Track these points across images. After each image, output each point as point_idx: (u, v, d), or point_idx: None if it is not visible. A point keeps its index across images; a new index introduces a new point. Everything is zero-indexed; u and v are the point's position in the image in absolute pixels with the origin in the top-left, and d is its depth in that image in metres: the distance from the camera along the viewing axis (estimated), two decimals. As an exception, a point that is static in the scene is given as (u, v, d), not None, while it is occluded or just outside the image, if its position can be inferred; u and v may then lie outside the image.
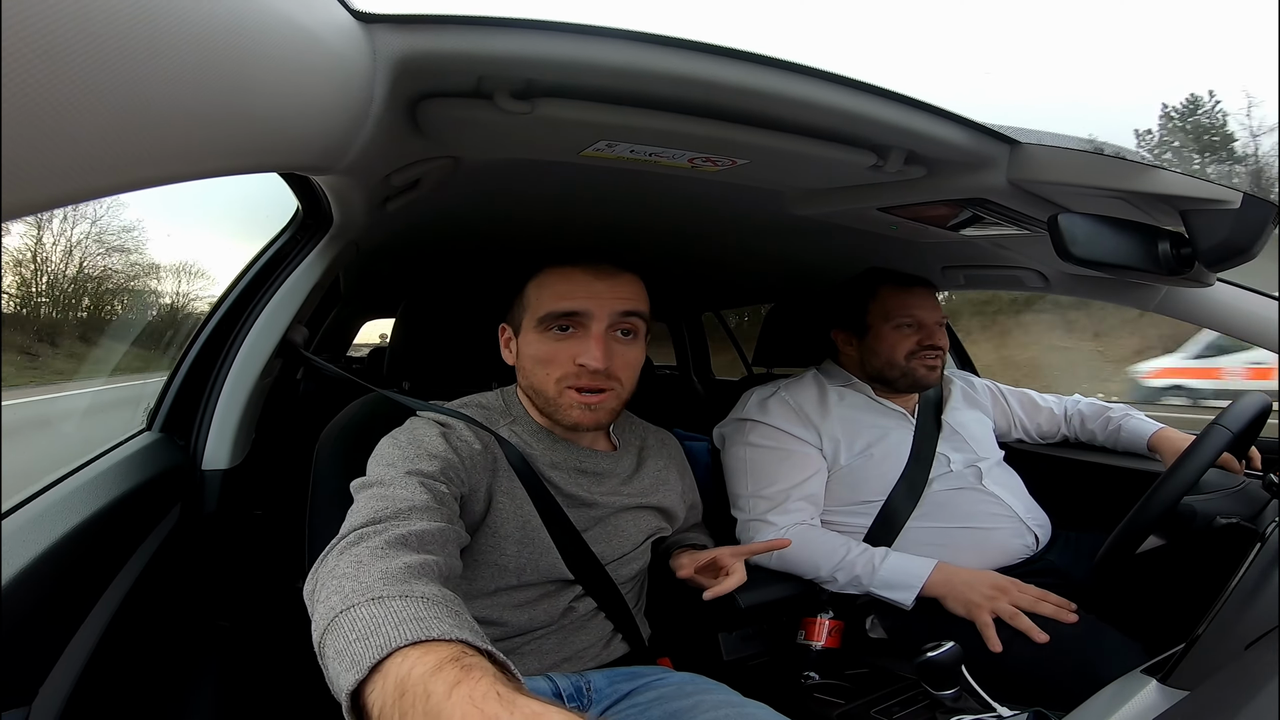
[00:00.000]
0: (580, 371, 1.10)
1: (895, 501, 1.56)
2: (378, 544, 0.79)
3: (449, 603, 0.70)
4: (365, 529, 0.83)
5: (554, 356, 1.12)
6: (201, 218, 4.80)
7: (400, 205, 1.27)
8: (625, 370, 1.14)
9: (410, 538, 0.82)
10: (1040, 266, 1.73)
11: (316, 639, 0.69)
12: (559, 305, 1.11)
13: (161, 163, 0.49)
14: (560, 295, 1.12)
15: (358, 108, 0.76)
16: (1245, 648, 0.76)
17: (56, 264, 4.22)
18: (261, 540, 1.61)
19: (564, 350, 1.11)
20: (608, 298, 1.12)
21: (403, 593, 0.69)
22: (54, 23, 0.33)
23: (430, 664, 0.58)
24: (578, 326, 1.12)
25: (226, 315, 1.46)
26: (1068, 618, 1.29)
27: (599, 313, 1.11)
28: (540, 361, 1.13)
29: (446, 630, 0.63)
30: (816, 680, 1.41)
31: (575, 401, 1.11)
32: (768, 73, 0.88)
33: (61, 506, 0.95)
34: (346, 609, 0.67)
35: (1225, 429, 1.22)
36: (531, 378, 1.15)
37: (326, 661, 0.66)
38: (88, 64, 0.36)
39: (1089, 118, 37.35)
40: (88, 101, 0.37)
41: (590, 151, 1.07)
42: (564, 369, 1.11)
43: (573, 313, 1.11)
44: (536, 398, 1.16)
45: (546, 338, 1.13)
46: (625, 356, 1.14)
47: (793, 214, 1.45)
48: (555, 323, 1.12)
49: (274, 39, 0.53)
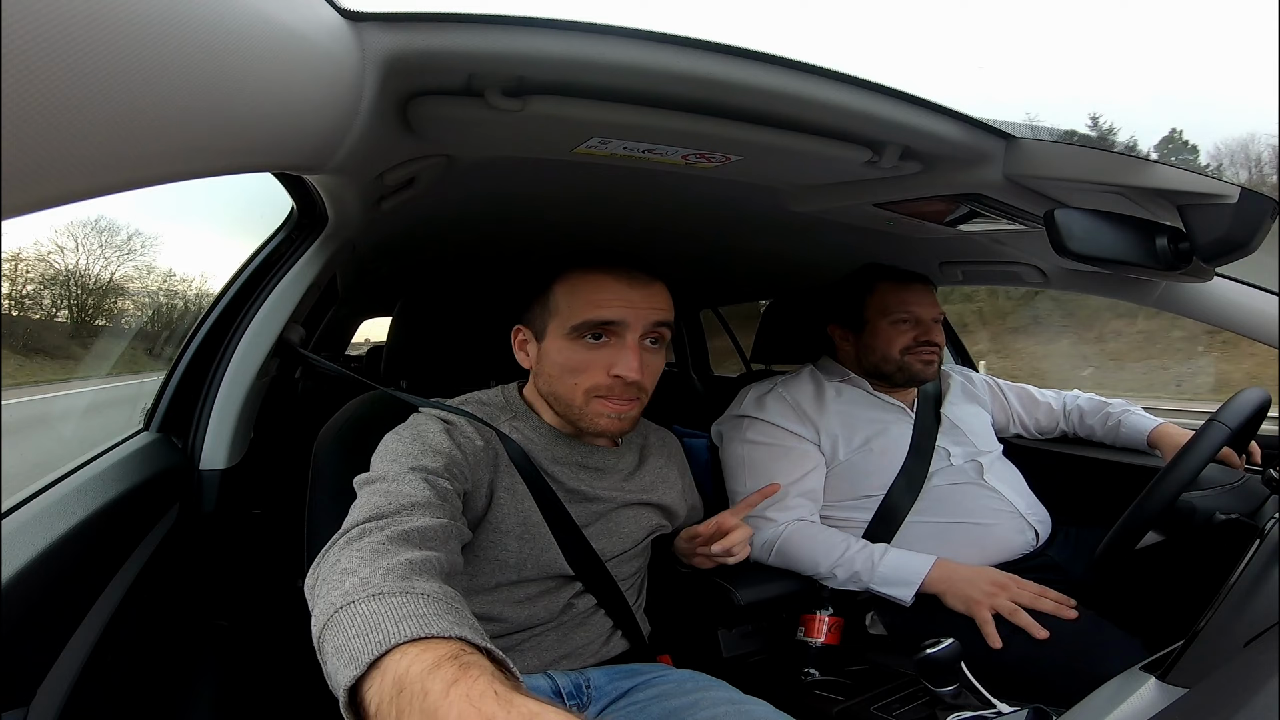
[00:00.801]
0: (615, 383, 1.08)
1: (895, 496, 1.55)
2: (379, 539, 0.79)
3: (449, 599, 0.69)
4: (367, 524, 0.83)
5: (586, 366, 1.09)
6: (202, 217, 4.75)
7: (395, 204, 1.26)
8: (651, 380, 1.13)
9: (412, 534, 0.82)
10: (1038, 262, 1.72)
11: (316, 634, 0.69)
12: (595, 314, 1.08)
13: (149, 163, 0.49)
14: (596, 304, 1.08)
15: (347, 106, 0.76)
16: (1245, 645, 0.76)
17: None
18: (260, 540, 1.61)
19: (598, 360, 1.09)
20: (643, 308, 1.09)
21: (403, 589, 0.68)
22: (40, 25, 0.33)
23: (428, 661, 0.58)
24: (611, 336, 1.09)
25: (223, 315, 1.46)
26: (1067, 614, 1.29)
27: (635, 323, 1.09)
28: (570, 370, 1.10)
29: (445, 627, 0.63)
30: (816, 677, 1.41)
31: (605, 411, 1.10)
32: (761, 68, 0.87)
33: (59, 507, 0.95)
34: (346, 604, 0.67)
35: (1223, 425, 1.21)
36: (556, 385, 1.12)
37: (325, 657, 0.66)
38: (73, 66, 0.36)
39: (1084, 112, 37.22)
40: (74, 103, 0.37)
41: (583, 149, 1.06)
42: (595, 379, 1.09)
43: (609, 322, 1.08)
44: (558, 404, 1.14)
45: (578, 346, 1.10)
46: (652, 366, 1.13)
47: (789, 210, 1.44)
48: (590, 331, 1.09)
49: (261, 38, 0.53)
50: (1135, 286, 1.58)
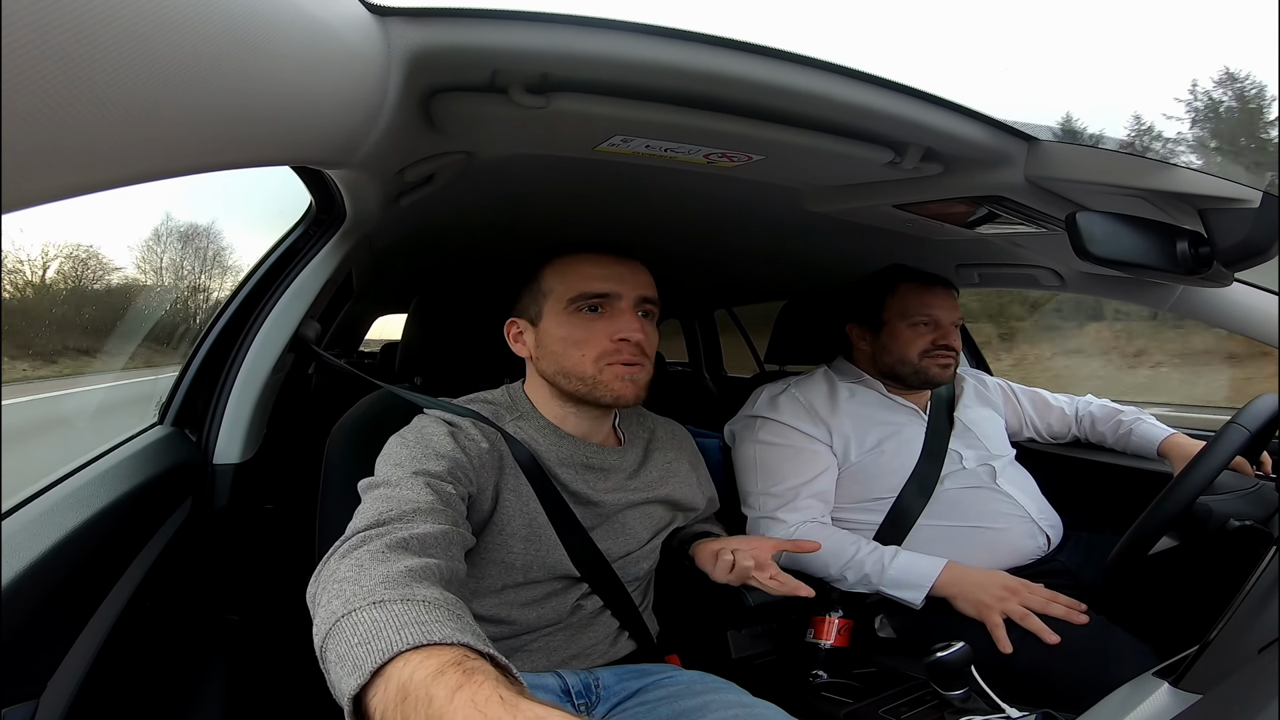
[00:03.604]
0: (621, 346, 1.12)
1: (906, 499, 1.55)
2: (379, 547, 0.79)
3: (450, 606, 0.70)
4: (368, 532, 0.83)
5: (589, 336, 1.13)
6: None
7: (413, 201, 1.27)
8: (651, 348, 1.17)
9: (412, 541, 0.82)
10: (1055, 265, 1.72)
11: (318, 643, 0.69)
12: (591, 286, 1.13)
13: (175, 154, 0.49)
14: (590, 278, 1.14)
15: (372, 102, 0.76)
16: (1259, 651, 0.75)
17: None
18: (272, 535, 1.61)
19: (599, 328, 1.13)
20: (631, 281, 1.15)
21: (404, 596, 0.69)
22: (70, 16, 0.33)
23: (432, 668, 0.58)
24: (607, 307, 1.14)
25: (239, 310, 1.46)
26: (1078, 619, 1.28)
27: (627, 294, 1.14)
28: (574, 343, 1.13)
29: (448, 634, 0.63)
30: (825, 679, 1.41)
31: (619, 375, 1.12)
32: (785, 67, 0.87)
33: (73, 500, 0.96)
34: (348, 613, 0.68)
35: (1243, 428, 1.21)
36: (564, 361, 1.14)
37: (328, 666, 0.66)
38: (102, 58, 0.36)
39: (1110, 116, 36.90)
40: (103, 94, 0.37)
41: (605, 147, 1.06)
42: (601, 346, 1.12)
43: (604, 294, 1.14)
44: (568, 380, 1.15)
45: (578, 319, 1.14)
46: (650, 336, 1.17)
47: (807, 211, 1.44)
48: (587, 303, 1.14)
49: (288, 32, 0.53)
50: (1152, 290, 1.57)
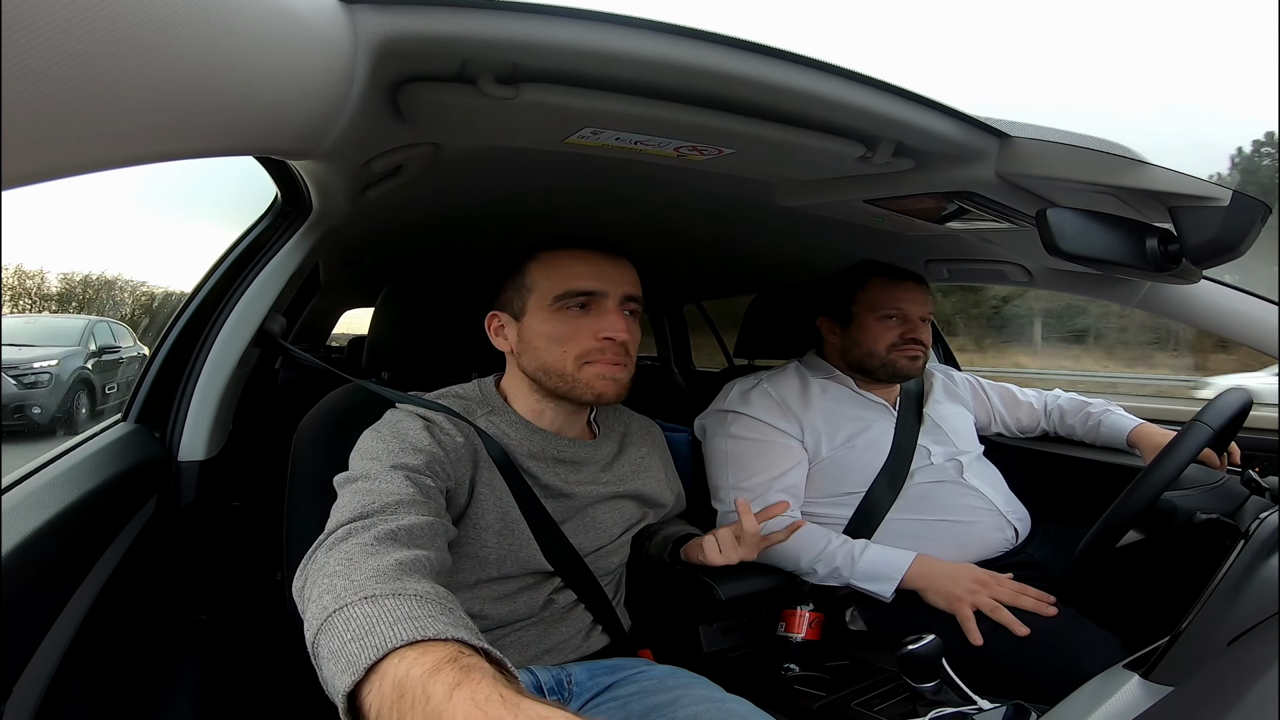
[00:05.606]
0: (605, 345, 1.12)
1: (876, 493, 1.56)
2: (367, 539, 0.78)
3: (443, 600, 0.69)
4: (353, 524, 0.81)
5: (573, 334, 1.12)
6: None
7: (381, 192, 1.25)
8: (634, 347, 1.18)
9: (399, 533, 0.81)
10: (1024, 261, 1.73)
11: (310, 639, 0.68)
12: (577, 284, 1.13)
13: (134, 142, 0.48)
14: (576, 275, 1.14)
15: (338, 90, 0.74)
16: (1229, 643, 0.76)
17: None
18: (240, 532, 1.59)
19: (583, 327, 1.13)
20: (617, 279, 1.15)
21: (395, 590, 0.68)
22: None
23: (428, 664, 0.58)
24: (593, 305, 1.14)
25: (203, 304, 1.43)
26: (1047, 611, 1.30)
27: (613, 292, 1.14)
28: (557, 340, 1.13)
29: (442, 629, 0.62)
30: (797, 672, 1.42)
31: (600, 374, 1.13)
32: (756, 60, 0.87)
33: (35, 499, 0.93)
34: (339, 608, 0.66)
35: (1206, 425, 1.23)
36: (545, 356, 1.14)
37: (321, 662, 0.65)
38: (56, 40, 0.34)
39: (1088, 114, 37.39)
40: (53, 78, 0.36)
41: (575, 139, 1.05)
42: (584, 345, 1.12)
43: (590, 292, 1.13)
44: (548, 377, 1.14)
45: (563, 316, 1.13)
46: (634, 335, 1.17)
47: (777, 205, 1.44)
48: (573, 301, 1.13)
49: (253, 17, 0.52)
50: (1120, 287, 1.60)
